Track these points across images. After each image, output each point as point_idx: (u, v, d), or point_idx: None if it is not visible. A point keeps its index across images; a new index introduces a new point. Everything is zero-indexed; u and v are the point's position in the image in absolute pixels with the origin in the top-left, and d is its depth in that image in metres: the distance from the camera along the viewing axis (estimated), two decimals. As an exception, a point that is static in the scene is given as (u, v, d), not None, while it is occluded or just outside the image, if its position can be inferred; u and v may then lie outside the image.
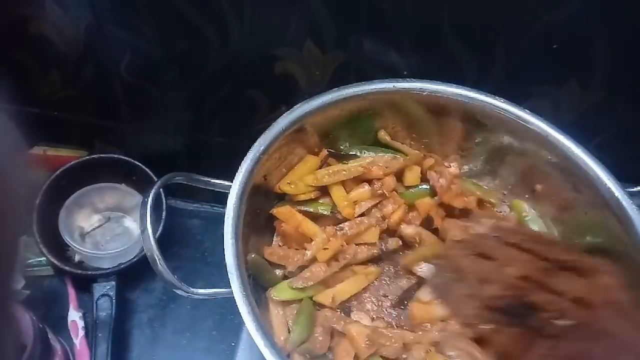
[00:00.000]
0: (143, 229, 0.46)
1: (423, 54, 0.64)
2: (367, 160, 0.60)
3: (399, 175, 0.62)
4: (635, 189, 0.55)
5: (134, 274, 0.77)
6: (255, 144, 0.53)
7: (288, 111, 0.55)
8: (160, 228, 0.77)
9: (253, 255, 0.52)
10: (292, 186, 0.58)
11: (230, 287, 0.45)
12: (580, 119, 0.65)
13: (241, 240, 0.48)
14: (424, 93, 0.59)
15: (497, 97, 0.58)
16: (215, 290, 0.47)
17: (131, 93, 0.75)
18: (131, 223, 0.82)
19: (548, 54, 0.61)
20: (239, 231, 0.48)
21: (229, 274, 0.44)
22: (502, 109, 0.58)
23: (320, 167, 0.61)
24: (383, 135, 0.63)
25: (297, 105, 0.56)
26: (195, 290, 0.46)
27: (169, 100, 0.76)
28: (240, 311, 0.43)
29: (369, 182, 0.60)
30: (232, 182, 0.50)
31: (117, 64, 0.71)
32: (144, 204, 0.47)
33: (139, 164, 0.80)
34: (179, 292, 0.47)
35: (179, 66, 0.71)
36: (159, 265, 0.46)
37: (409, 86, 0.59)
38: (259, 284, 0.54)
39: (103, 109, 0.79)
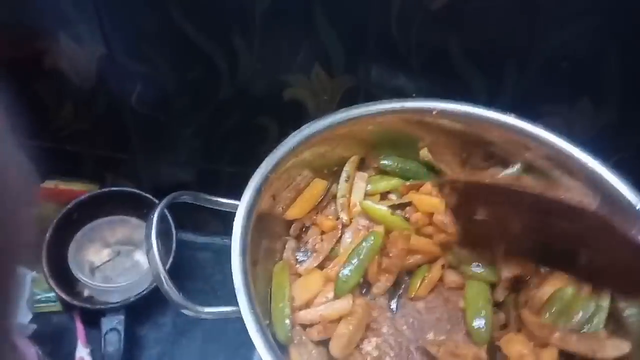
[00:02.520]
0: (149, 248, 0.45)
1: (432, 77, 0.64)
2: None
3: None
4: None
5: (143, 308, 0.75)
6: (264, 163, 0.52)
7: (296, 131, 0.55)
8: (170, 260, 0.76)
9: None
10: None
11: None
12: (596, 138, 0.64)
13: (249, 258, 0.47)
14: (433, 112, 0.58)
15: (507, 113, 0.57)
16: (223, 309, 0.45)
17: (142, 124, 0.76)
18: (141, 256, 0.81)
19: (558, 73, 0.60)
20: (247, 248, 0.46)
21: (236, 290, 0.43)
22: (513, 125, 0.57)
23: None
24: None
25: (305, 126, 0.55)
26: (202, 308, 0.45)
27: (180, 131, 0.76)
28: (247, 328, 0.41)
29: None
30: (239, 201, 0.50)
31: (129, 95, 0.72)
32: (149, 221, 0.46)
33: (150, 197, 0.80)
34: (186, 312, 0.45)
35: (190, 96, 0.71)
36: (165, 284, 0.44)
37: (418, 105, 0.58)
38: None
39: (115, 141, 0.79)
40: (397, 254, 0.54)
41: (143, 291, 0.74)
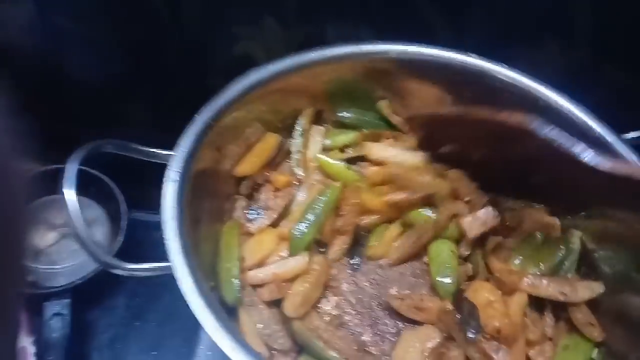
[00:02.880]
0: (64, 202, 0.40)
1: (394, 23, 0.59)
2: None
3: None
4: (629, 136, 0.50)
5: (93, 292, 0.69)
6: (205, 109, 0.47)
7: (242, 75, 0.50)
8: (121, 239, 0.70)
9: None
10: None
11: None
12: (565, 81, 0.60)
13: (187, 212, 0.42)
14: (392, 55, 0.54)
15: (465, 53, 0.53)
16: (151, 265, 0.40)
17: (86, 97, 0.70)
18: (90, 238, 0.75)
19: (524, 11, 0.57)
20: (182, 199, 0.42)
21: (165, 240, 0.38)
22: (475, 65, 0.53)
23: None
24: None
25: (253, 70, 0.51)
26: (126, 265, 0.40)
27: (127, 102, 0.71)
28: (178, 282, 0.36)
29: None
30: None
31: (68, 62, 0.66)
32: (66, 168, 0.40)
33: (98, 174, 0.74)
34: (116, 271, 0.40)
35: (134, 58, 0.66)
36: (85, 240, 0.39)
37: (375, 49, 0.54)
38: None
39: (56, 116, 0.73)
40: (350, 211, 0.49)
41: (91, 273, 0.68)
